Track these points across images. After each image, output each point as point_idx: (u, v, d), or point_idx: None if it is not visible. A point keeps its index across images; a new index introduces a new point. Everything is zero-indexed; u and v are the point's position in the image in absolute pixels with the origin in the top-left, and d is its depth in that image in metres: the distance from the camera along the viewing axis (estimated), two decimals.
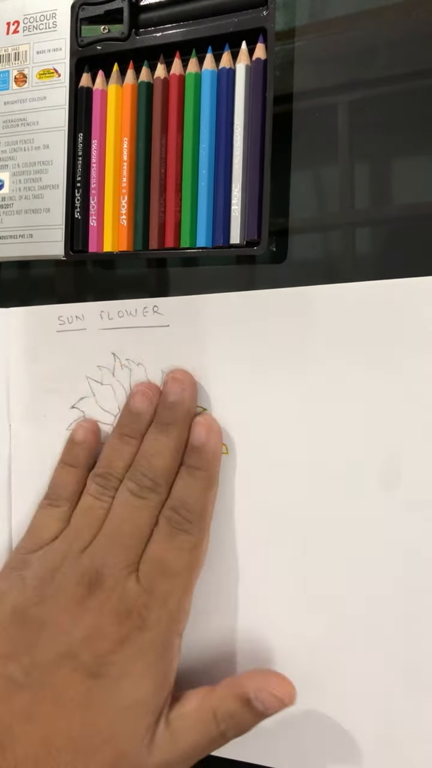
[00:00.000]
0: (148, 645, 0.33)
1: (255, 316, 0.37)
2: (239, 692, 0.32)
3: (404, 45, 0.36)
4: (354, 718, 0.35)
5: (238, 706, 0.32)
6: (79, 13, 0.41)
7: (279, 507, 0.36)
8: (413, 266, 0.36)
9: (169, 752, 0.32)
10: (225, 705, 0.32)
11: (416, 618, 0.34)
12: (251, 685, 0.32)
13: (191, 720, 0.32)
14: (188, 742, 0.32)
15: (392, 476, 0.34)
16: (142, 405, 0.38)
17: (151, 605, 0.33)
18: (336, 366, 0.35)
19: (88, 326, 0.40)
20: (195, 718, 0.32)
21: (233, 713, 0.32)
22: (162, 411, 0.37)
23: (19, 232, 0.43)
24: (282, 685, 0.33)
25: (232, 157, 0.37)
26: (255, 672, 0.35)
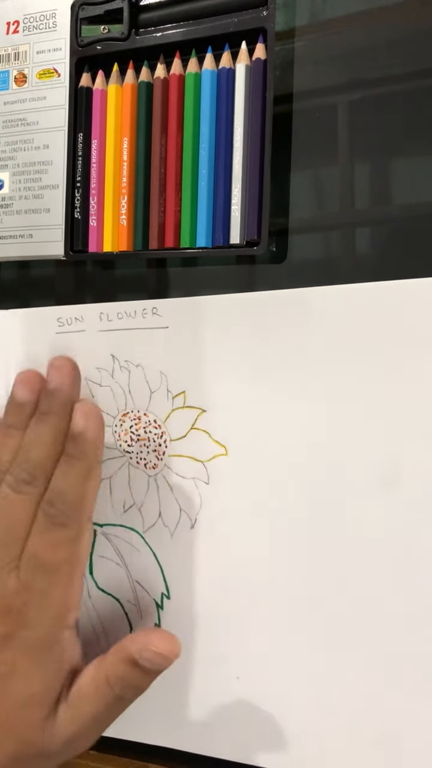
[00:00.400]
0: (33, 643, 0.33)
1: (254, 318, 0.37)
2: (125, 655, 0.33)
3: (404, 45, 0.36)
4: (354, 719, 0.35)
5: (127, 668, 0.33)
6: (79, 13, 0.41)
7: (278, 508, 0.36)
8: (413, 266, 0.36)
9: (72, 727, 0.33)
10: (115, 670, 0.33)
11: (416, 617, 0.34)
12: (134, 646, 0.33)
13: (87, 691, 0.33)
14: (88, 713, 0.33)
15: (391, 476, 0.34)
16: (23, 395, 0.37)
17: (31, 602, 0.33)
18: (335, 367, 0.35)
19: (87, 328, 0.40)
20: (91, 689, 0.33)
21: (124, 676, 0.33)
22: (42, 400, 0.36)
23: (19, 232, 0.43)
24: (162, 640, 0.33)
25: (232, 157, 0.37)
26: (138, 632, 0.35)
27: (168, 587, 0.39)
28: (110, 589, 0.40)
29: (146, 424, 0.39)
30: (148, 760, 0.39)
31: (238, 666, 0.37)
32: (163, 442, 0.39)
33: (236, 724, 0.37)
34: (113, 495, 0.40)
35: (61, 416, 0.36)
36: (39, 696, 0.33)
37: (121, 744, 0.40)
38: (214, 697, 0.38)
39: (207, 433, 0.38)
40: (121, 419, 0.40)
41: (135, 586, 0.40)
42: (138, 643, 0.33)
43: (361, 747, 0.35)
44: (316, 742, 0.35)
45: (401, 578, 0.34)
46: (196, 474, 0.38)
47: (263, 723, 0.36)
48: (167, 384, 0.39)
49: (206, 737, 0.38)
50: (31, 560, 0.34)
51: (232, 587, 0.37)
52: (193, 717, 0.38)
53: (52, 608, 0.34)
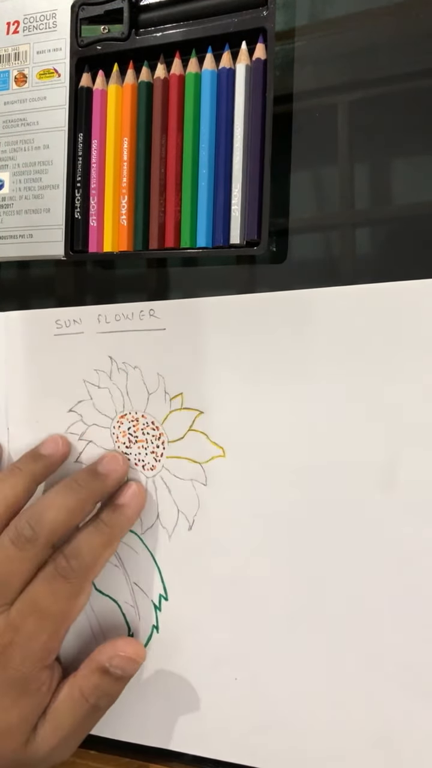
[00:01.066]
0: (13, 681, 0.34)
1: (252, 320, 0.37)
2: (95, 666, 0.36)
3: (404, 45, 0.36)
4: (354, 720, 0.35)
5: (99, 678, 0.36)
6: (79, 13, 0.41)
7: (276, 509, 0.36)
8: (413, 266, 0.36)
9: (53, 740, 0.35)
10: (87, 681, 0.36)
11: (416, 617, 0.34)
12: (104, 656, 0.36)
13: (64, 706, 0.35)
14: (67, 726, 0.35)
15: (391, 478, 0.34)
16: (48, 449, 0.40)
17: (16, 644, 0.34)
18: (334, 368, 0.35)
19: (85, 330, 0.40)
20: (67, 704, 0.35)
21: (97, 685, 0.35)
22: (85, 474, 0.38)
23: (19, 232, 0.43)
24: (129, 646, 0.37)
25: (232, 157, 0.37)
26: (105, 644, 0.37)
27: (166, 589, 0.39)
28: (108, 590, 0.40)
29: (144, 425, 0.39)
30: (148, 760, 0.39)
31: (237, 667, 0.37)
32: (161, 444, 0.39)
33: (235, 725, 0.37)
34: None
35: (94, 496, 0.38)
36: (15, 727, 0.34)
37: (121, 744, 0.40)
38: (213, 698, 0.37)
39: (205, 435, 0.38)
40: (119, 421, 0.40)
41: (133, 588, 0.40)
42: (107, 653, 0.36)
43: (361, 747, 0.35)
44: (316, 742, 0.35)
45: (401, 579, 0.34)
46: (194, 475, 0.38)
47: (262, 724, 0.36)
48: (165, 385, 0.39)
49: (205, 738, 0.38)
50: (28, 604, 0.35)
51: (231, 588, 0.37)
52: (192, 718, 0.38)
53: (35, 651, 0.35)
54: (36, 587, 0.35)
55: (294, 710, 0.36)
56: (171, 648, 0.38)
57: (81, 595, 0.36)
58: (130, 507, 0.38)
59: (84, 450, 0.41)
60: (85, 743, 0.40)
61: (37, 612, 0.35)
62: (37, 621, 0.35)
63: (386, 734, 0.34)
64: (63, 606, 0.35)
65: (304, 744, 0.36)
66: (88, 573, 0.36)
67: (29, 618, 0.35)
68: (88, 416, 0.41)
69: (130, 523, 0.38)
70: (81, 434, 0.41)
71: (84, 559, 0.36)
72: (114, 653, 0.36)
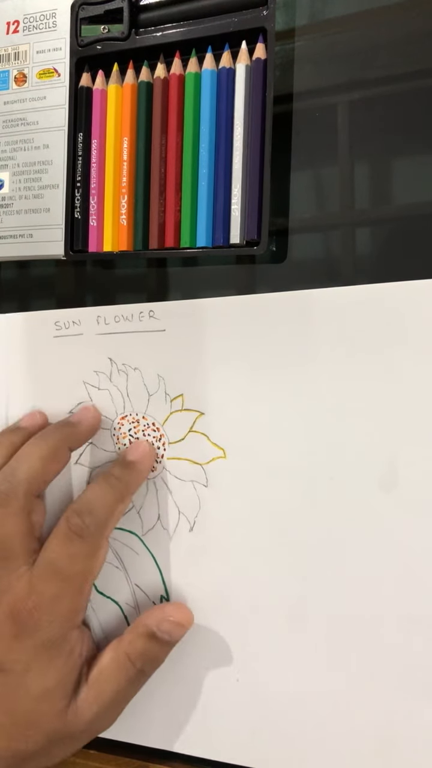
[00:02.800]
0: (44, 643, 0.34)
1: (252, 320, 0.37)
2: (143, 630, 0.36)
3: (404, 45, 0.36)
4: (354, 721, 0.35)
5: (147, 642, 0.36)
6: (78, 12, 0.41)
7: (277, 510, 0.36)
8: (413, 266, 0.36)
9: (95, 707, 0.35)
10: (135, 646, 0.36)
11: (416, 617, 0.34)
12: (152, 620, 0.36)
13: (109, 671, 0.36)
14: (111, 691, 0.35)
15: (392, 479, 0.34)
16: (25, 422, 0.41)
17: (41, 606, 0.34)
18: (334, 369, 0.35)
19: (84, 331, 0.40)
20: (112, 668, 0.36)
21: (144, 650, 0.36)
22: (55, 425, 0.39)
23: (19, 231, 0.43)
24: (178, 611, 0.37)
25: (232, 157, 0.37)
26: (153, 608, 0.37)
27: (167, 590, 0.39)
28: (109, 592, 0.40)
29: (144, 427, 0.39)
30: (148, 760, 0.39)
31: (238, 668, 0.37)
32: (162, 445, 0.39)
33: (236, 725, 0.37)
34: None
35: (63, 438, 0.38)
36: (54, 690, 0.34)
37: (121, 744, 0.40)
38: (214, 698, 0.38)
39: (205, 436, 0.38)
40: (119, 422, 0.40)
41: (134, 589, 0.40)
42: (155, 617, 0.36)
43: (361, 747, 0.35)
44: (316, 743, 0.35)
45: (401, 579, 0.34)
46: (194, 477, 0.38)
47: (263, 725, 0.36)
48: (165, 387, 0.39)
49: (206, 739, 0.38)
50: (47, 566, 0.35)
51: (232, 589, 0.37)
52: (192, 719, 0.38)
53: (62, 613, 0.35)
54: (52, 548, 0.35)
55: (295, 711, 0.36)
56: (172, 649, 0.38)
57: (99, 552, 0.36)
58: (141, 463, 0.38)
59: (84, 451, 0.41)
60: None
61: (58, 574, 0.35)
62: (58, 583, 0.35)
63: (387, 734, 0.34)
64: (82, 565, 0.35)
65: (305, 744, 0.36)
66: (103, 529, 0.36)
67: (50, 581, 0.35)
68: None
69: (141, 479, 0.38)
70: None
71: (97, 515, 0.36)
72: (163, 617, 0.36)
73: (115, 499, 0.36)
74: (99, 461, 0.40)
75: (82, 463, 0.41)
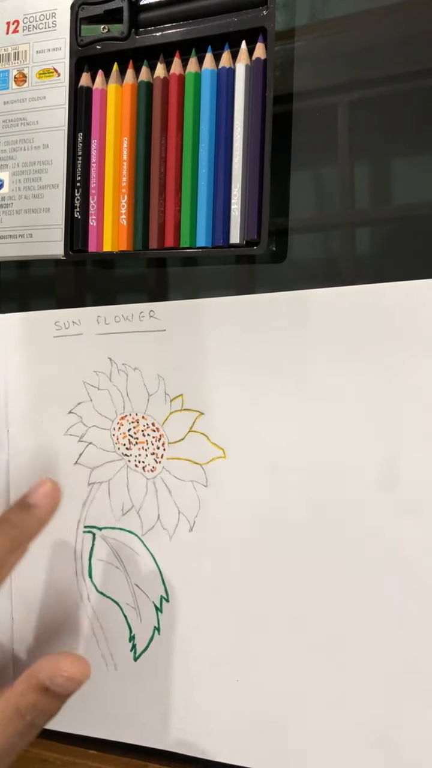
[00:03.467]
0: None
1: (252, 320, 0.37)
2: (35, 683, 0.33)
3: (404, 45, 0.36)
4: (354, 720, 0.35)
5: (38, 696, 0.33)
6: (78, 12, 0.40)
7: (277, 510, 0.36)
8: (413, 266, 0.36)
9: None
10: (25, 699, 0.33)
11: (416, 617, 0.34)
12: (44, 673, 0.33)
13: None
14: None
15: (391, 479, 0.34)
16: None
17: None
18: (334, 369, 0.35)
19: (84, 331, 0.40)
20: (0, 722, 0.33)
21: (35, 703, 0.33)
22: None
23: (19, 231, 0.43)
24: (73, 665, 0.33)
25: (232, 157, 0.37)
26: (46, 659, 0.34)
27: (167, 590, 0.39)
28: (109, 592, 0.40)
29: (144, 427, 0.39)
30: (148, 760, 0.39)
31: (238, 668, 0.37)
32: (161, 445, 0.39)
33: (235, 725, 0.37)
34: (111, 498, 0.40)
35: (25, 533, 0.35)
36: None
37: (121, 744, 0.40)
38: (214, 698, 0.38)
39: (205, 436, 0.38)
40: (119, 422, 0.40)
41: (134, 589, 0.40)
42: (48, 670, 0.33)
43: (361, 747, 0.35)
44: (316, 743, 0.35)
45: (401, 578, 0.34)
46: (194, 477, 0.38)
47: (263, 725, 0.36)
48: (165, 387, 0.39)
49: (206, 739, 0.38)
50: None
51: (231, 589, 0.37)
52: (192, 719, 0.38)
53: None
54: None
55: (294, 710, 0.36)
56: (172, 649, 0.38)
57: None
58: (41, 507, 0.35)
59: (84, 452, 0.41)
60: (85, 743, 0.40)
61: None
62: None
63: (386, 734, 0.34)
64: None
65: (304, 744, 0.36)
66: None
67: None
68: (88, 418, 0.41)
69: (41, 525, 0.35)
70: (81, 436, 0.41)
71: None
72: (56, 671, 0.33)
73: (7, 549, 0.34)
74: (99, 461, 0.40)
75: (82, 463, 0.41)
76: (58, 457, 0.41)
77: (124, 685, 0.39)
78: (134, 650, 0.39)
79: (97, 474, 0.40)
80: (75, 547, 0.41)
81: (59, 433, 0.41)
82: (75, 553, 0.41)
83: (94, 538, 0.40)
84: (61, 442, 0.41)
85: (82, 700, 0.36)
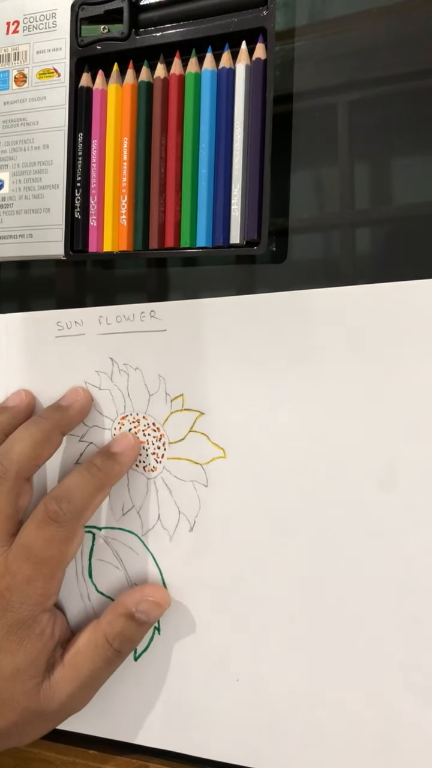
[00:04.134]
0: (14, 624, 0.35)
1: (252, 320, 0.37)
2: (122, 611, 0.37)
3: (404, 45, 0.36)
4: (354, 720, 0.35)
5: (125, 623, 0.36)
6: (78, 12, 0.41)
7: (277, 510, 0.36)
8: (413, 266, 0.36)
9: (70, 687, 0.36)
10: (113, 627, 0.37)
11: (416, 617, 0.34)
12: (130, 601, 0.37)
13: (86, 651, 0.36)
14: (87, 671, 0.36)
15: (392, 479, 0.34)
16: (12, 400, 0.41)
17: (13, 588, 0.35)
18: (334, 369, 0.35)
19: (86, 331, 0.41)
20: (89, 648, 0.36)
21: (122, 630, 0.36)
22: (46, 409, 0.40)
23: (19, 232, 0.43)
24: (156, 591, 0.37)
25: (232, 157, 0.37)
26: (132, 589, 0.38)
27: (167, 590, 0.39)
28: (109, 592, 0.40)
29: (145, 426, 0.39)
30: (148, 760, 0.39)
31: (238, 668, 0.37)
32: (162, 445, 0.39)
33: (236, 725, 0.37)
34: (112, 498, 0.40)
35: (55, 424, 0.38)
36: (25, 670, 0.35)
37: (121, 744, 0.40)
38: (214, 698, 0.38)
39: (205, 436, 0.38)
40: (120, 422, 0.40)
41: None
42: (134, 597, 0.37)
43: (361, 748, 0.35)
44: (316, 743, 0.35)
45: (401, 579, 0.34)
46: (194, 477, 0.38)
47: (263, 724, 0.36)
48: (165, 387, 0.39)
49: (206, 739, 0.38)
50: (22, 549, 0.36)
51: (232, 589, 0.37)
52: (192, 719, 0.38)
53: (33, 596, 0.36)
54: (29, 531, 0.36)
55: (294, 710, 0.36)
56: (172, 649, 0.38)
57: (74, 539, 0.36)
58: (124, 455, 0.38)
59: (85, 452, 0.41)
60: (85, 743, 0.40)
61: (32, 557, 0.35)
62: (32, 566, 0.35)
63: (387, 734, 0.34)
64: (56, 551, 0.36)
65: (305, 744, 0.36)
66: (80, 517, 0.36)
67: (24, 563, 0.35)
68: (89, 418, 0.41)
69: (123, 471, 0.39)
70: (82, 436, 0.41)
71: (75, 503, 0.36)
72: (142, 597, 0.37)
73: (94, 488, 0.37)
74: None
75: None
76: (58, 457, 0.41)
77: (124, 685, 0.39)
78: (134, 650, 0.39)
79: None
80: None
81: None
82: None
83: (94, 538, 0.40)
84: (62, 442, 0.41)
85: None
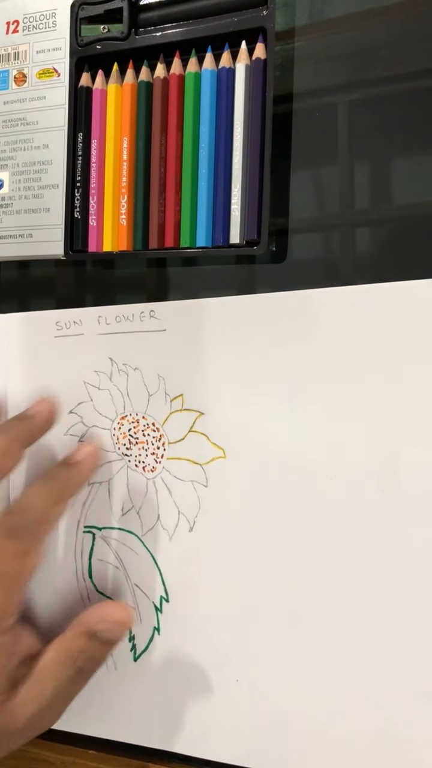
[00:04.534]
0: None
1: (252, 320, 0.37)
2: (83, 629, 0.35)
3: (404, 45, 0.36)
4: (354, 721, 0.35)
5: (86, 641, 0.35)
6: (78, 12, 0.40)
7: (277, 510, 0.36)
8: (413, 266, 0.36)
9: (35, 705, 0.34)
10: (75, 644, 0.35)
11: (416, 617, 0.34)
12: (91, 619, 0.36)
13: (50, 669, 0.35)
14: (52, 688, 0.34)
15: (392, 479, 0.34)
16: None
17: None
18: (334, 369, 0.35)
19: (85, 331, 0.41)
20: (53, 666, 0.35)
21: (84, 649, 0.35)
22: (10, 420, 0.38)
23: (19, 231, 0.43)
24: (117, 611, 0.36)
25: (232, 156, 0.37)
26: (93, 607, 0.37)
27: (167, 590, 0.39)
28: (109, 592, 0.40)
29: (144, 427, 0.39)
30: (148, 760, 0.39)
31: (238, 668, 0.37)
32: (162, 445, 0.39)
33: (235, 725, 0.37)
34: (111, 498, 0.40)
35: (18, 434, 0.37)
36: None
37: (121, 744, 0.40)
38: (214, 699, 0.38)
39: (205, 436, 0.38)
40: (119, 422, 0.40)
41: (134, 589, 0.40)
42: (95, 616, 0.36)
43: (361, 748, 0.35)
44: (316, 743, 0.35)
45: (402, 578, 0.34)
46: (194, 477, 0.38)
47: (263, 725, 0.36)
48: (165, 387, 0.39)
49: (206, 739, 0.38)
50: None
51: (231, 590, 0.37)
52: (192, 719, 0.38)
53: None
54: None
55: (294, 711, 0.36)
56: (172, 649, 0.38)
57: (33, 553, 0.35)
58: (83, 463, 0.38)
59: None
60: (85, 743, 0.40)
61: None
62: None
63: (387, 734, 0.34)
64: (14, 566, 0.34)
65: (305, 744, 0.36)
66: (38, 530, 0.36)
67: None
68: (89, 418, 0.41)
69: (83, 481, 0.38)
70: (81, 436, 0.41)
71: (33, 516, 0.35)
72: (102, 617, 0.35)
73: (52, 500, 0.36)
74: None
75: None
76: (58, 457, 0.41)
77: (124, 685, 0.39)
78: (134, 650, 0.39)
79: (97, 474, 0.40)
80: (75, 547, 0.41)
81: (59, 432, 0.41)
82: (75, 553, 0.41)
83: (94, 538, 0.40)
84: (62, 442, 0.41)
85: (81, 699, 0.36)
